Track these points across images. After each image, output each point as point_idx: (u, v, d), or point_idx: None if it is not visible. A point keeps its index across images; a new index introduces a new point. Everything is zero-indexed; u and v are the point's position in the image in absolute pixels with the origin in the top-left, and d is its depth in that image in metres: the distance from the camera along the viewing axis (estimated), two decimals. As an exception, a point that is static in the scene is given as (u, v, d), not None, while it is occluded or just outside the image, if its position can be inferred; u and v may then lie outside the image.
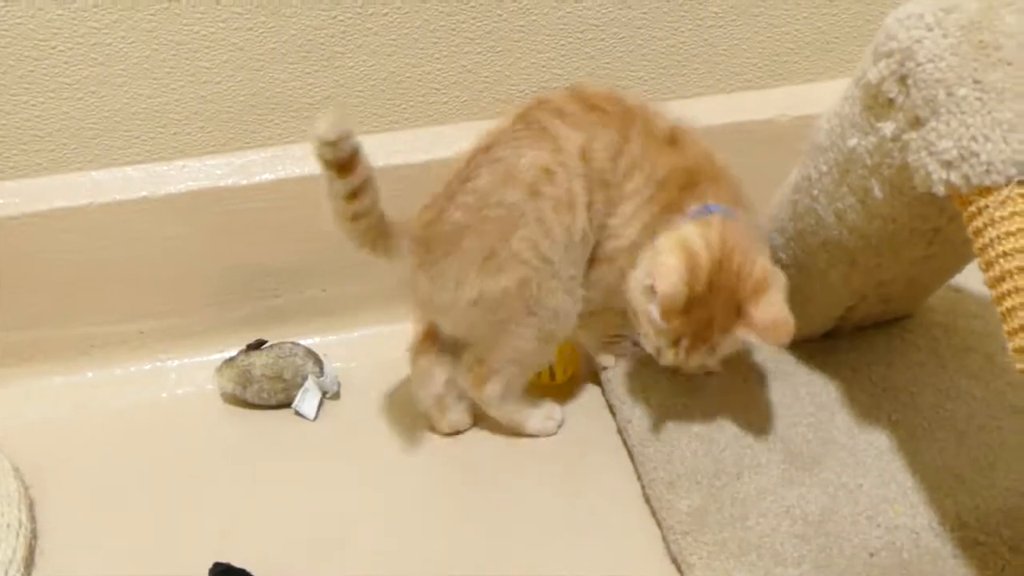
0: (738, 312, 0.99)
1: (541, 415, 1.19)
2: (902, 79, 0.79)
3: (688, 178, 1.06)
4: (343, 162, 0.92)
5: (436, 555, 1.08)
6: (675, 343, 1.01)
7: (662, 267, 0.96)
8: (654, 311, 0.98)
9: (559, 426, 1.20)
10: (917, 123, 0.78)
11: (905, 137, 0.80)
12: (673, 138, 1.08)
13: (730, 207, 1.04)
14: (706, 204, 1.04)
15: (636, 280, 1.02)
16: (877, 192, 0.88)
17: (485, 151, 1.05)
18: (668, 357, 1.02)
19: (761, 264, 1.00)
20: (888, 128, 0.83)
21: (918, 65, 0.77)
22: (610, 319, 1.16)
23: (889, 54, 0.80)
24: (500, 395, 1.14)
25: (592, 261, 1.09)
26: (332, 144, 0.89)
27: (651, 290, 0.97)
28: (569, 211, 1.03)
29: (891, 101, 0.81)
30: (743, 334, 1.00)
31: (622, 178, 1.06)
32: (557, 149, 1.03)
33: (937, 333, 1.23)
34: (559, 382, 1.26)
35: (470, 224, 1.03)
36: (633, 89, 1.32)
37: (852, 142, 0.89)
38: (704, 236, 0.98)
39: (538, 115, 1.05)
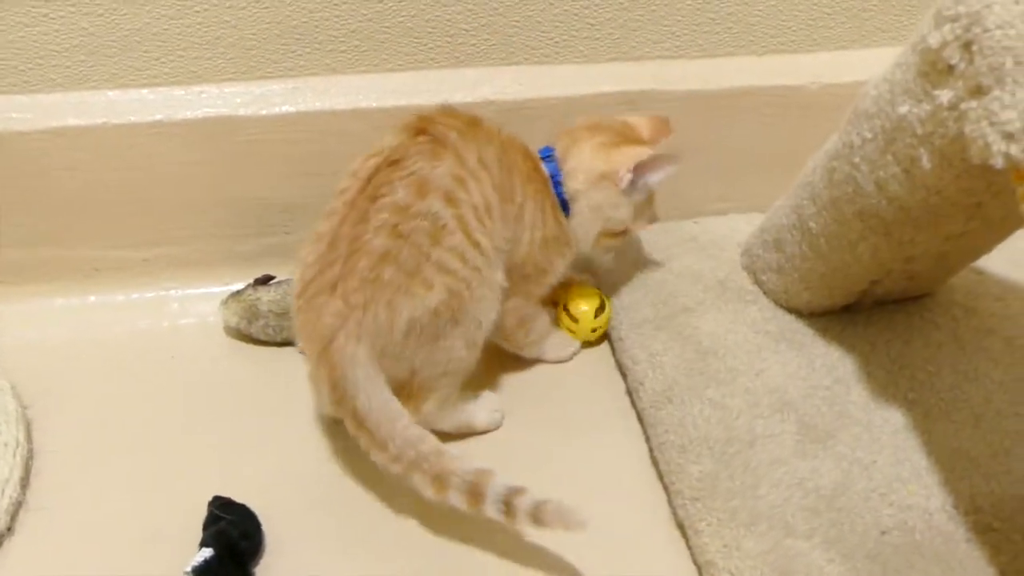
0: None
1: (486, 410, 1.15)
2: (966, 45, 0.77)
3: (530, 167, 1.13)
4: None
5: (434, 512, 1.04)
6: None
7: (611, 159, 1.11)
8: (624, 176, 1.11)
9: (502, 416, 1.15)
10: (979, 92, 0.76)
11: (963, 106, 0.78)
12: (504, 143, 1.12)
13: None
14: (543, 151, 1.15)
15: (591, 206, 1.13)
16: (925, 162, 0.86)
17: (392, 165, 1.01)
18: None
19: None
20: (945, 96, 0.80)
21: (986, 31, 0.74)
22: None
23: (955, 18, 0.77)
24: (439, 410, 1.08)
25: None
26: None
27: (610, 175, 1.12)
28: (488, 216, 1.03)
29: (951, 68, 0.79)
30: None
31: (511, 192, 1.09)
32: (461, 160, 1.03)
33: (958, 314, 1.21)
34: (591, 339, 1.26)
35: (389, 249, 0.98)
36: (664, 44, 1.29)
37: (903, 109, 0.86)
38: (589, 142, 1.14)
39: (435, 128, 1.04)
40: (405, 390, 1.04)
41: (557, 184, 1.13)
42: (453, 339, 1.04)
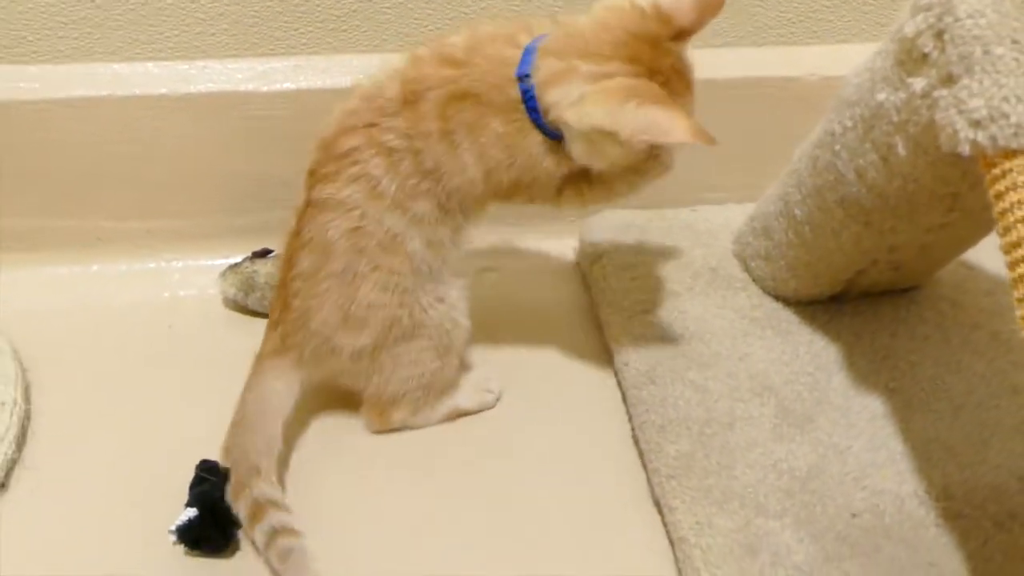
0: (677, 37, 0.95)
1: (475, 391, 1.16)
2: (939, 34, 0.78)
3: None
4: None
5: (416, 472, 1.09)
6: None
7: (644, 122, 0.89)
8: (678, 132, 0.89)
9: (498, 397, 1.17)
10: (949, 80, 0.77)
11: (935, 94, 0.79)
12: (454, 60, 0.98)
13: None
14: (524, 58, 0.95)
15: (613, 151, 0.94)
16: (901, 150, 0.87)
17: (296, 236, 1.03)
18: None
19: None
20: (919, 84, 0.81)
21: (956, 20, 0.76)
22: None
23: (928, 7, 0.79)
24: (413, 416, 1.11)
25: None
26: None
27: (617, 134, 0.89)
28: (397, 244, 1.00)
29: (925, 56, 0.80)
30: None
31: (436, 165, 0.99)
32: (353, 207, 0.99)
33: (944, 307, 1.22)
34: None
35: (309, 307, 1.03)
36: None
37: (881, 96, 0.88)
38: (598, 63, 0.92)
39: (325, 171, 1.01)
40: (374, 405, 1.10)
41: (533, 109, 0.95)
42: (417, 352, 1.06)
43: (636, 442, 1.11)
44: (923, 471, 1.02)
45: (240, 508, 0.97)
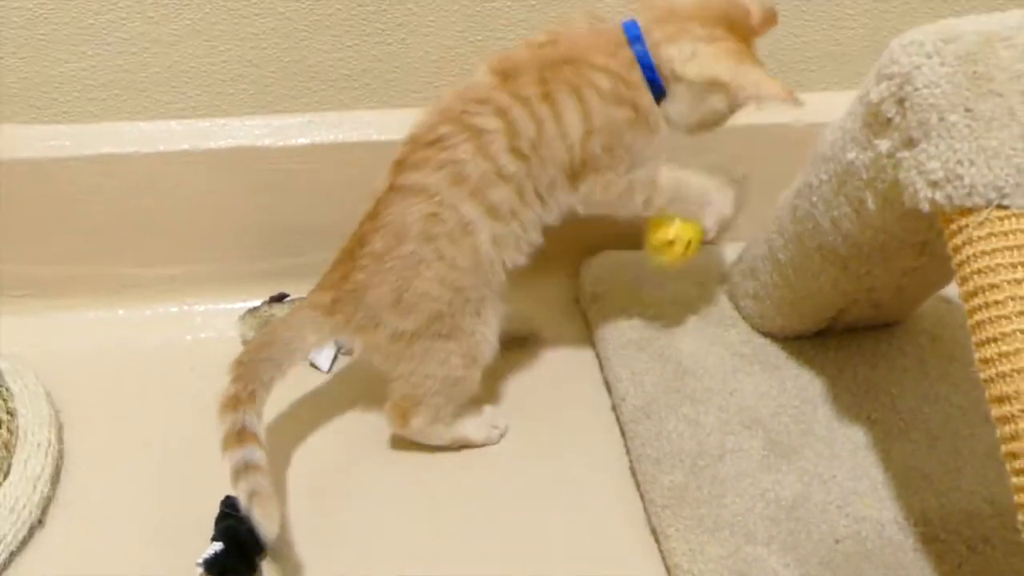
0: (753, 33, 1.12)
1: (485, 425, 1.23)
2: (900, 101, 0.85)
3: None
4: None
5: (421, 498, 1.16)
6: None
7: (752, 82, 1.07)
8: (777, 93, 1.07)
9: (503, 434, 1.23)
10: (910, 143, 0.84)
11: (899, 155, 0.86)
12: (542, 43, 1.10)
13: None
14: (630, 27, 1.09)
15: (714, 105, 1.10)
16: (871, 204, 0.94)
17: (373, 219, 1.09)
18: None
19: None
20: (884, 145, 0.88)
21: (915, 89, 0.83)
22: None
23: (891, 76, 0.86)
24: (429, 425, 1.18)
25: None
26: None
27: (731, 90, 1.07)
28: (466, 235, 1.07)
29: (889, 120, 0.87)
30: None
31: (541, 115, 1.06)
32: (433, 192, 1.06)
33: (924, 341, 1.29)
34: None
35: (368, 284, 1.09)
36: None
37: (851, 155, 0.95)
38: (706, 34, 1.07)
39: (404, 179, 1.08)
40: (398, 404, 1.15)
41: (648, 67, 1.08)
42: (447, 354, 1.12)
43: (633, 473, 1.18)
44: (902, 498, 1.09)
45: (226, 420, 1.04)
